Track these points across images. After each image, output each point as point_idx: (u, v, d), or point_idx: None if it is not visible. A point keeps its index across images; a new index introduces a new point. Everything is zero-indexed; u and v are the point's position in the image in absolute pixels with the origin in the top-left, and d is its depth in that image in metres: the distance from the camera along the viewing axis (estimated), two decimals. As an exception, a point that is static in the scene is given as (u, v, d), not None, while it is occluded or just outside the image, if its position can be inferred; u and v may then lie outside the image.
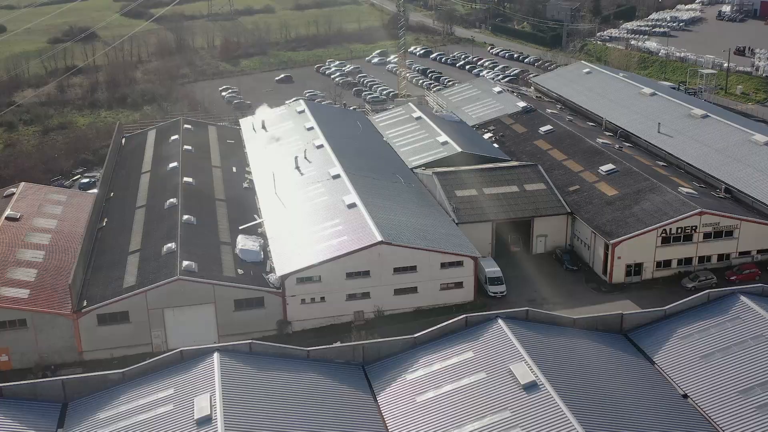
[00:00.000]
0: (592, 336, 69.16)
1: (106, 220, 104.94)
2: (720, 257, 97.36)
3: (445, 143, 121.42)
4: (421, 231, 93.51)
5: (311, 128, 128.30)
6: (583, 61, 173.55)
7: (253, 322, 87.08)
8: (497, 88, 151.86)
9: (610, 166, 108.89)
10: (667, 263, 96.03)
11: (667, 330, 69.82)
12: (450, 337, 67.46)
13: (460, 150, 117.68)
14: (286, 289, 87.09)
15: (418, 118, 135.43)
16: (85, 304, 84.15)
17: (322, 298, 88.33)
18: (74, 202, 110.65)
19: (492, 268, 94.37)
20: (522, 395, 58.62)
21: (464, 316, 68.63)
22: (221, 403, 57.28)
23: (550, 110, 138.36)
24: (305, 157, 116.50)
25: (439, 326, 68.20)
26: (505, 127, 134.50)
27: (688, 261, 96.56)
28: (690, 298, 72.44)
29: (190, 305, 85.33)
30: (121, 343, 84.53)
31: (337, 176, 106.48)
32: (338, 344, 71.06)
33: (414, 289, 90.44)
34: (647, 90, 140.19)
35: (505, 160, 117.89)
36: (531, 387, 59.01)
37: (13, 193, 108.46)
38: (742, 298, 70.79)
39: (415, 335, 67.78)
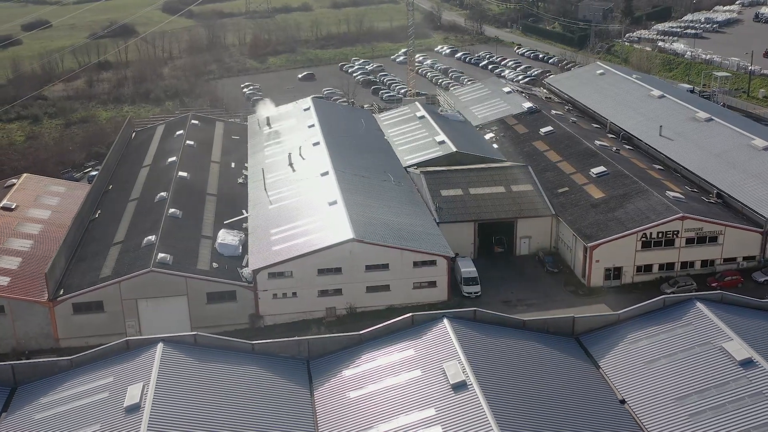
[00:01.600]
0: (541, 338, 68.80)
1: (99, 211, 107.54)
2: (704, 263, 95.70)
3: (441, 143, 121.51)
4: (399, 229, 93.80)
5: (312, 126, 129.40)
6: (598, 62, 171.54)
7: (226, 315, 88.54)
8: (507, 89, 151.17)
9: (601, 169, 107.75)
10: (648, 268, 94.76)
11: (618, 335, 69.06)
12: (395, 334, 67.74)
13: (455, 150, 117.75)
14: (257, 284, 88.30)
15: (422, 117, 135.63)
16: (61, 292, 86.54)
17: (294, 294, 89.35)
18: (72, 194, 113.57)
19: (467, 269, 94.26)
20: (449, 394, 58.77)
21: (410, 314, 68.86)
22: (152, 392, 58.58)
23: (555, 111, 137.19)
24: (300, 154, 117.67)
25: (385, 324, 68.59)
26: (507, 128, 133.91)
27: (670, 266, 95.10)
28: (645, 303, 71.57)
29: (164, 297, 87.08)
30: (96, 332, 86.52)
31: (325, 173, 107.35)
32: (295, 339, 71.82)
33: (386, 287, 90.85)
34: (656, 92, 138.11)
35: (500, 161, 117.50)
36: (460, 386, 59.09)
37: (14, 184, 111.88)
38: (698, 304, 69.63)
39: (361, 332, 68.29)
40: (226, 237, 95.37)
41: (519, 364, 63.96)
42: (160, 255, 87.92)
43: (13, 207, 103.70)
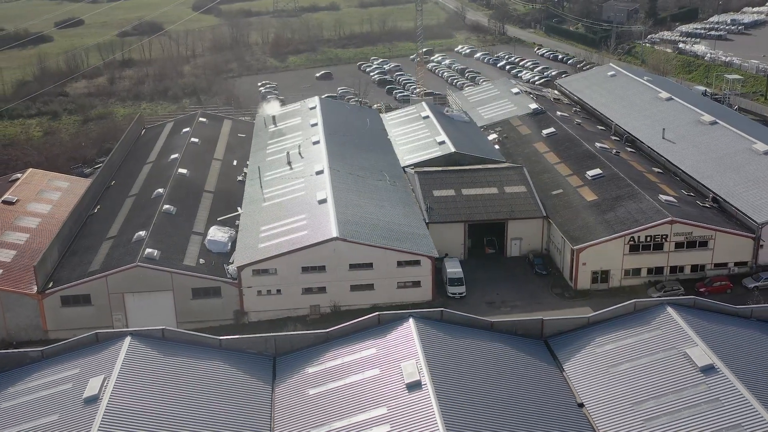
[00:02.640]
0: (507, 340, 68.76)
1: (98, 206, 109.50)
2: (694, 268, 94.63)
3: (441, 143, 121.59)
4: (386, 229, 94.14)
5: (315, 124, 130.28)
6: (611, 64, 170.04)
7: (211, 311, 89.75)
8: (515, 90, 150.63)
9: (597, 171, 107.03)
10: (636, 272, 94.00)
11: (586, 338, 68.74)
12: (361, 333, 68.17)
13: (453, 150, 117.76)
14: (242, 280, 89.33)
15: (426, 117, 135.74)
16: (50, 285, 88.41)
17: (278, 291, 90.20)
18: (75, 189, 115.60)
19: (453, 269, 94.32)
20: (403, 393, 59.05)
21: (377, 314, 69.27)
22: (113, 384, 59.77)
23: (560, 113, 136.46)
24: (299, 153, 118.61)
25: (351, 322, 69.10)
26: (511, 129, 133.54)
27: (659, 270, 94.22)
28: (616, 306, 71.14)
29: (149, 291, 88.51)
30: (84, 325, 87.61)
31: (320, 172, 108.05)
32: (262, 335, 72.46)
33: (370, 286, 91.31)
34: (664, 95, 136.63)
35: (499, 162, 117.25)
36: (414, 386, 59.31)
37: (18, 178, 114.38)
38: (669, 309, 69.01)
39: (328, 330, 68.88)
40: (216, 234, 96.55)
41: (480, 365, 63.96)
42: (148, 250, 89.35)
43: (14, 201, 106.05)
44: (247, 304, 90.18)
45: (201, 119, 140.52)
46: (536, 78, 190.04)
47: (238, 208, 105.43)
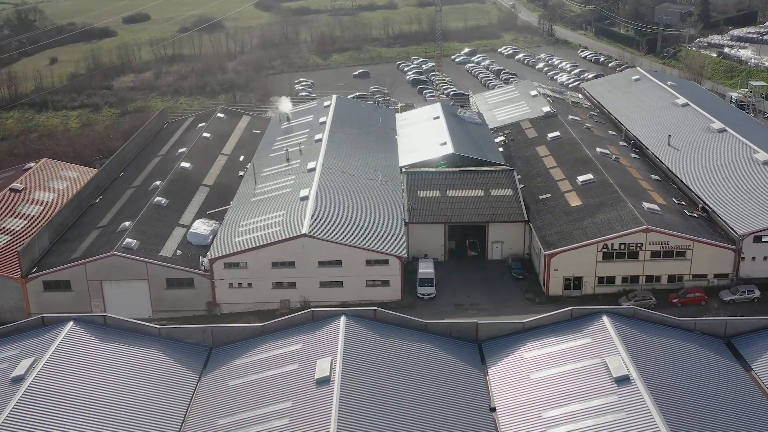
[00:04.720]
0: (439, 342, 69.13)
1: (101, 197, 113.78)
2: (671, 278, 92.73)
3: (443, 144, 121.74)
4: (361, 228, 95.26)
5: (323, 123, 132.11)
6: (637, 68, 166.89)
7: (184, 301, 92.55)
8: (533, 92, 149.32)
9: (587, 177, 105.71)
10: (610, 279, 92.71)
11: (517, 343, 68.58)
12: (294, 328, 69.55)
13: (452, 151, 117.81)
14: (213, 273, 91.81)
15: (437, 117, 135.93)
16: (34, 270, 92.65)
17: (249, 284, 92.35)
18: (83, 179, 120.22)
19: (425, 270, 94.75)
20: (311, 389, 60.25)
21: (311, 310, 70.60)
22: (41, 365, 62.76)
23: (572, 117, 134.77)
24: (300, 150, 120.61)
25: (285, 317, 70.69)
26: (519, 131, 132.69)
27: (634, 279, 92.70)
28: (552, 313, 70.79)
29: (126, 280, 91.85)
30: (65, 309, 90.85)
31: (312, 170, 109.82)
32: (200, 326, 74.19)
33: (340, 284, 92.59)
34: (681, 101, 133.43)
35: (497, 164, 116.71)
36: (323, 382, 60.43)
37: (31, 167, 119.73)
38: (604, 318, 68.30)
39: (263, 324, 70.57)
40: (200, 226, 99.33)
41: (400, 365, 64.49)
42: (127, 240, 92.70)
43: (20, 189, 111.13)
44: (219, 296, 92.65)
45: (219, 115, 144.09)
46: (571, 80, 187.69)
47: (231, 203, 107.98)
